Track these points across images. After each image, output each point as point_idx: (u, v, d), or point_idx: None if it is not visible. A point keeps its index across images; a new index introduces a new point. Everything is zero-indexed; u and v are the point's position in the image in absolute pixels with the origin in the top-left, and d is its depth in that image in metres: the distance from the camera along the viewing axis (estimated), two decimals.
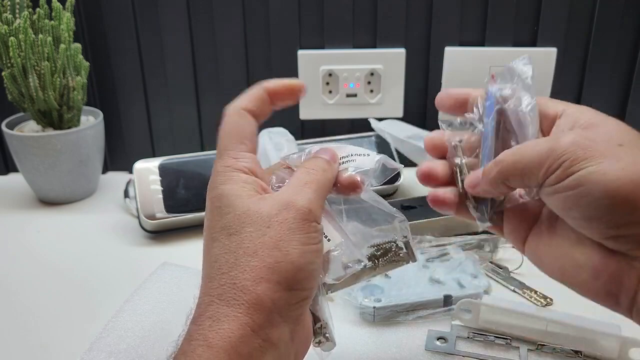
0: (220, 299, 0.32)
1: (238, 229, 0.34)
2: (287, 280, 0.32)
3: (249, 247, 0.33)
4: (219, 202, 0.35)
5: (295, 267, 0.32)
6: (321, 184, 0.37)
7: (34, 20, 0.72)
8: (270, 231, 0.33)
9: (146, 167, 0.70)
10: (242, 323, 0.31)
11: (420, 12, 0.80)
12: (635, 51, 0.81)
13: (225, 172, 0.37)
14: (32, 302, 0.58)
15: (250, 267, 0.32)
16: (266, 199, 0.35)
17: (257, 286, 0.32)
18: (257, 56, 0.82)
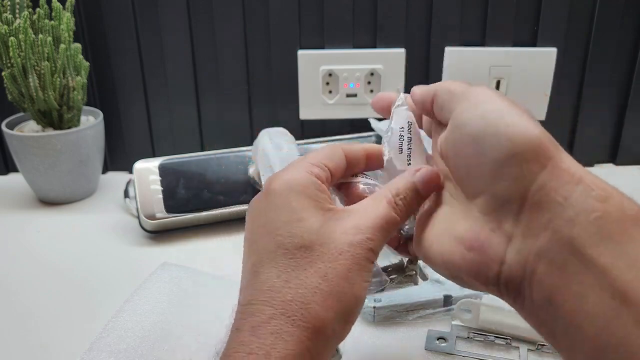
0: (285, 316, 0.31)
1: (310, 244, 0.33)
2: (348, 312, 0.32)
3: (320, 268, 0.32)
4: (288, 200, 0.34)
5: (357, 301, 0.33)
6: (396, 226, 0.36)
7: (34, 20, 0.72)
8: (342, 259, 0.33)
9: (146, 167, 0.70)
10: (305, 346, 0.31)
11: (420, 12, 0.80)
12: (635, 51, 0.81)
13: (298, 168, 0.36)
14: (32, 302, 0.58)
15: (319, 290, 0.32)
16: (340, 221, 0.34)
17: (326, 313, 0.31)
18: (257, 56, 0.82)
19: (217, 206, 0.69)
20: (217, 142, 0.86)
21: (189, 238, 0.69)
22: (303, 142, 0.76)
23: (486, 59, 0.81)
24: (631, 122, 0.84)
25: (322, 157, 0.37)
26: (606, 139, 0.86)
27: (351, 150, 0.39)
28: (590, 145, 0.86)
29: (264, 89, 0.84)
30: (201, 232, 0.70)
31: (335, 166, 0.37)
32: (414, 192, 0.36)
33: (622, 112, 0.84)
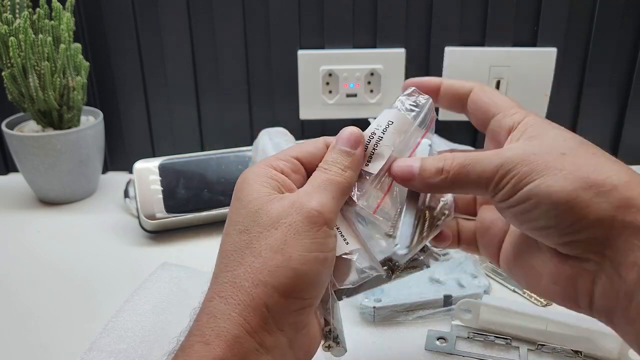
0: (219, 296, 0.32)
1: (248, 227, 0.33)
2: (285, 286, 0.31)
3: (255, 247, 0.32)
4: (240, 192, 0.35)
5: (295, 274, 0.32)
6: (337, 184, 0.35)
7: (34, 20, 0.72)
8: (277, 233, 0.32)
9: (146, 167, 0.70)
10: (237, 323, 0.31)
11: (420, 12, 0.80)
12: (635, 51, 0.81)
13: (261, 163, 0.37)
14: (32, 302, 0.58)
15: (252, 267, 0.32)
16: (281, 199, 0.34)
17: (255, 289, 0.31)
18: (257, 56, 0.82)
19: (217, 206, 0.69)
20: (217, 142, 0.86)
21: (189, 238, 0.69)
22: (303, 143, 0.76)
23: (486, 59, 0.81)
24: (631, 122, 0.84)
25: (291, 150, 0.38)
26: (606, 139, 0.86)
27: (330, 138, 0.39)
28: None
29: (264, 89, 0.84)
30: (201, 232, 0.70)
31: (309, 155, 0.38)
32: (340, 152, 0.37)
33: (622, 112, 0.84)
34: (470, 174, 0.34)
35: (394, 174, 0.36)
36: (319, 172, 0.36)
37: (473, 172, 0.34)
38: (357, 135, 0.37)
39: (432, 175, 0.35)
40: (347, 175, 0.36)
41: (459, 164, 0.34)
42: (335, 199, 0.35)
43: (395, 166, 0.37)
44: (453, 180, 0.34)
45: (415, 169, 0.36)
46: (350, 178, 0.36)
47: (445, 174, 0.34)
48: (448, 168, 0.35)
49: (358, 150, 0.37)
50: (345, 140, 0.37)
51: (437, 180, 0.35)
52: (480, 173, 0.33)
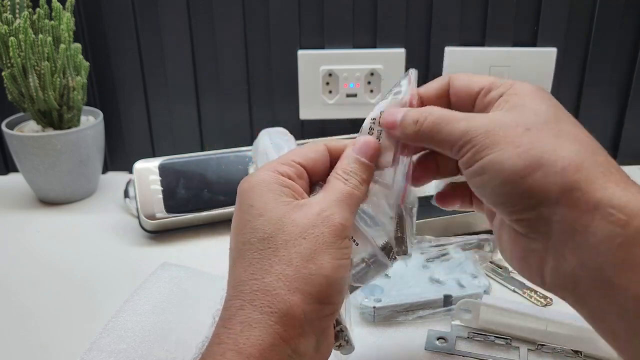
0: (252, 305, 0.32)
1: (272, 234, 0.33)
2: (319, 293, 0.32)
3: (284, 255, 0.33)
4: (251, 199, 0.35)
5: (327, 281, 0.32)
6: (356, 198, 0.36)
7: (34, 20, 0.72)
8: (306, 242, 0.33)
9: (146, 167, 0.70)
10: (274, 331, 0.31)
11: (420, 12, 0.80)
12: (635, 51, 0.81)
13: (266, 169, 0.37)
14: (32, 302, 0.58)
15: (284, 275, 0.32)
16: (302, 207, 0.34)
17: (292, 296, 0.32)
18: (257, 56, 0.82)
19: (217, 206, 0.69)
20: (217, 142, 0.86)
21: (189, 238, 0.69)
22: (303, 142, 0.76)
23: (486, 59, 0.81)
24: (631, 122, 0.84)
25: (293, 155, 0.38)
26: (606, 139, 0.86)
27: (335, 145, 0.39)
28: None
29: (264, 89, 0.84)
30: (201, 232, 0.70)
31: (311, 161, 0.38)
32: (359, 163, 0.37)
33: (622, 112, 0.84)
34: (439, 133, 0.35)
35: (384, 122, 0.38)
36: (340, 183, 0.37)
37: (442, 132, 0.34)
38: (375, 147, 0.38)
39: (408, 125, 0.36)
40: (363, 189, 0.37)
41: (433, 120, 0.35)
42: (353, 213, 0.36)
43: (385, 114, 0.38)
44: (424, 134, 0.35)
45: (398, 118, 0.37)
46: (365, 191, 0.37)
47: (419, 126, 0.35)
48: (422, 121, 0.35)
49: (372, 164, 0.38)
50: (364, 151, 0.38)
51: (410, 131, 0.36)
52: (447, 134, 0.34)
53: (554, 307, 0.55)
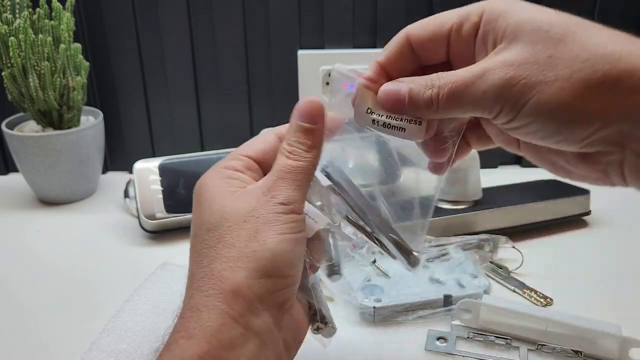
0: (199, 291, 0.32)
1: (216, 224, 0.34)
2: (265, 267, 0.32)
3: (227, 240, 0.33)
4: (200, 196, 0.36)
5: (273, 254, 0.32)
6: (302, 169, 0.35)
7: (34, 20, 0.72)
8: (248, 225, 0.33)
9: (146, 167, 0.70)
10: (221, 311, 0.31)
11: (420, 12, 0.80)
12: None
13: (214, 167, 0.37)
14: (32, 302, 0.58)
15: (227, 258, 0.32)
16: (245, 193, 0.35)
17: (235, 274, 0.32)
18: (257, 56, 0.82)
19: None
20: (217, 142, 0.86)
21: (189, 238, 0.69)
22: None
23: None
24: None
25: (240, 149, 0.38)
26: None
27: (283, 130, 0.38)
28: None
29: (264, 89, 0.84)
30: None
31: (260, 152, 0.38)
32: (301, 129, 0.36)
33: None
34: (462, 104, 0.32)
35: (382, 102, 0.35)
36: (281, 157, 0.36)
37: (465, 101, 0.32)
38: (317, 106, 0.36)
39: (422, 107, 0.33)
40: (310, 157, 0.35)
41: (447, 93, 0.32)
42: (301, 187, 0.35)
43: (382, 92, 0.35)
44: (445, 111, 0.33)
45: (404, 96, 0.34)
46: (314, 158, 0.36)
47: (436, 106, 0.33)
48: (436, 99, 0.32)
49: (319, 125, 0.36)
50: (304, 114, 0.36)
51: (429, 112, 0.33)
52: (473, 102, 0.31)
53: (554, 307, 0.55)
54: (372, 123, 0.35)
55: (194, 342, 0.31)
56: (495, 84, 0.30)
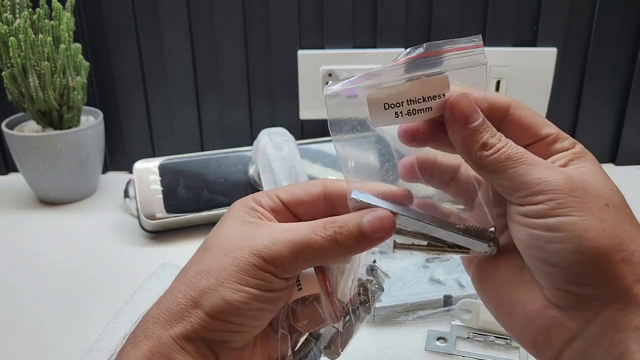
0: (156, 303, 0.34)
1: (209, 246, 0.35)
2: (210, 308, 0.32)
3: (201, 264, 0.34)
4: (223, 219, 0.36)
5: (222, 300, 0.32)
6: (315, 250, 0.33)
7: (34, 20, 0.72)
8: (224, 259, 0.33)
9: (146, 167, 0.70)
10: (162, 327, 0.33)
11: (420, 12, 0.80)
12: (635, 51, 0.81)
13: (247, 197, 0.37)
14: (32, 303, 0.58)
15: (188, 281, 0.33)
16: (252, 229, 0.34)
17: (184, 301, 0.33)
18: (257, 56, 0.82)
19: (217, 206, 0.69)
20: (217, 142, 0.86)
21: (189, 238, 0.69)
22: (303, 142, 0.76)
23: None
24: (631, 122, 0.84)
25: (282, 189, 0.37)
26: (606, 139, 0.87)
27: (334, 187, 0.36)
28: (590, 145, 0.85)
29: (264, 89, 0.84)
30: (201, 232, 0.70)
31: (296, 200, 0.36)
32: (358, 231, 0.33)
33: (622, 112, 0.84)
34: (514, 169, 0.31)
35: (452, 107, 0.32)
36: (311, 225, 0.33)
37: (518, 170, 0.31)
38: (389, 223, 0.33)
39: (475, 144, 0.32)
40: (335, 250, 0.33)
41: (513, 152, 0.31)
42: (300, 261, 0.33)
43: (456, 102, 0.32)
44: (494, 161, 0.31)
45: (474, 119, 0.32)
46: (336, 253, 0.33)
47: (493, 151, 0.31)
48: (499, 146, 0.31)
49: (372, 238, 0.33)
50: (372, 219, 0.33)
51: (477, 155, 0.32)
52: (524, 174, 0.31)
53: None
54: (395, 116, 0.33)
55: (137, 348, 0.32)
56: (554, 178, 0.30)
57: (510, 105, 0.34)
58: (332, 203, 0.36)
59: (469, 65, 0.32)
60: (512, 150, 0.31)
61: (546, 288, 0.31)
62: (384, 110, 0.33)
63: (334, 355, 0.39)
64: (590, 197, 0.30)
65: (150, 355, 0.32)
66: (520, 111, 0.34)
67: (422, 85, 0.32)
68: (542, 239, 0.30)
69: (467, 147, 0.32)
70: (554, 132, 0.33)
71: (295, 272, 0.34)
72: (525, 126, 0.33)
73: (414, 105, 0.32)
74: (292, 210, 0.36)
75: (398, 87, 0.32)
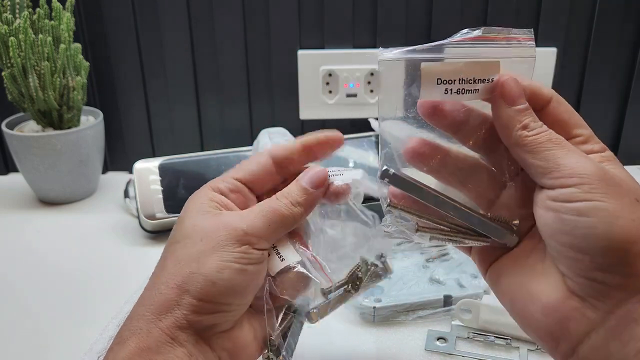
0: (139, 301, 0.35)
1: (180, 239, 0.36)
2: (196, 291, 0.33)
3: (177, 255, 0.35)
4: (182, 212, 0.37)
5: (207, 281, 0.33)
6: (280, 216, 0.36)
7: (34, 20, 0.72)
8: (201, 244, 0.34)
9: (146, 167, 0.70)
10: (149, 320, 0.33)
11: (420, 12, 0.80)
12: (635, 51, 0.81)
13: (201, 188, 0.38)
14: (32, 303, 0.58)
15: (169, 273, 0.34)
16: (215, 216, 0.36)
17: (169, 291, 0.34)
18: (257, 56, 0.82)
19: None
20: (217, 142, 0.86)
21: None
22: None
23: None
24: (631, 122, 0.84)
25: (233, 171, 0.39)
26: (606, 139, 0.86)
27: (281, 154, 0.39)
28: None
29: (264, 89, 0.84)
30: None
31: (251, 175, 0.39)
32: (299, 186, 0.37)
33: (622, 112, 0.84)
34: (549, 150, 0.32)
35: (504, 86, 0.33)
36: (269, 200, 0.37)
37: (552, 152, 0.31)
38: (322, 176, 0.38)
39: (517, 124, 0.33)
40: (295, 211, 0.37)
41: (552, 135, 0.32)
42: (272, 228, 0.36)
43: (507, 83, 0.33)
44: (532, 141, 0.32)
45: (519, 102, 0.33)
46: (298, 214, 0.37)
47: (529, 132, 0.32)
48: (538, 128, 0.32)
49: (317, 191, 0.38)
50: (308, 178, 0.38)
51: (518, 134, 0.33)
52: (559, 157, 0.31)
53: None
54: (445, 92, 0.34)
55: (124, 346, 0.33)
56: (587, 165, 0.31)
57: (552, 99, 0.34)
58: (280, 165, 0.39)
59: (520, 56, 0.34)
60: (552, 135, 0.32)
61: (569, 277, 0.31)
62: (436, 85, 0.34)
63: (312, 320, 0.40)
64: (622, 189, 0.30)
65: (139, 352, 0.32)
66: (559, 106, 0.35)
67: (476, 67, 0.33)
68: (571, 224, 0.30)
69: (509, 126, 0.33)
70: (586, 134, 0.34)
71: (269, 242, 0.36)
72: (560, 121, 0.34)
73: (464, 85, 0.33)
74: (249, 186, 0.39)
75: (454, 65, 0.33)
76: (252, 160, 0.39)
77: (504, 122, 0.33)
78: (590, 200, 0.29)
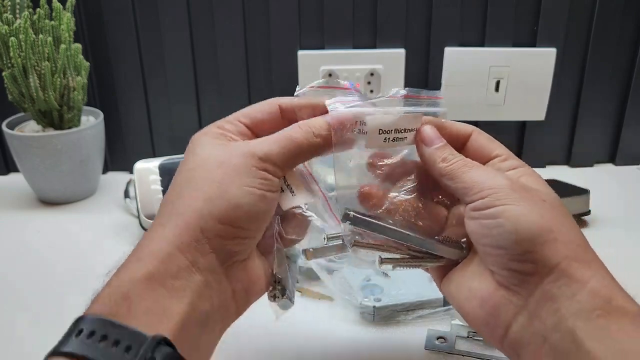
0: (158, 224, 0.35)
1: (195, 166, 0.36)
2: (220, 214, 0.34)
3: (197, 181, 0.35)
4: (191, 145, 0.38)
5: (231, 204, 0.34)
6: (297, 143, 0.37)
7: (34, 20, 0.72)
8: (220, 171, 0.35)
9: (146, 167, 0.70)
10: (170, 242, 0.33)
11: (420, 12, 0.80)
12: (635, 51, 0.81)
13: (208, 126, 0.39)
14: (32, 302, 0.58)
15: (190, 198, 0.35)
16: (229, 145, 0.37)
17: (191, 214, 0.34)
18: (257, 56, 0.82)
19: None
20: None
21: None
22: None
23: (486, 59, 0.81)
24: (630, 122, 0.84)
25: (239, 114, 0.40)
26: (605, 139, 0.87)
27: (288, 103, 0.40)
28: (589, 145, 0.86)
29: (264, 89, 0.84)
30: None
31: (257, 121, 0.39)
32: (324, 122, 0.38)
33: (622, 112, 0.84)
34: (463, 174, 0.38)
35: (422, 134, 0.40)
36: (288, 128, 0.38)
37: (466, 174, 0.37)
38: (348, 118, 0.39)
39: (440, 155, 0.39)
40: (314, 141, 0.37)
41: (463, 162, 0.38)
42: (287, 155, 0.37)
43: (426, 129, 0.40)
44: (450, 169, 0.38)
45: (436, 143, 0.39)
46: (316, 145, 0.37)
47: (447, 162, 0.38)
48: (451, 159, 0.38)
49: (340, 132, 0.38)
50: (336, 118, 0.38)
51: (439, 161, 0.39)
52: (471, 178, 0.37)
53: None
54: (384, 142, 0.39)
55: (142, 265, 0.33)
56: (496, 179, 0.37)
57: (473, 132, 0.41)
58: (288, 117, 0.40)
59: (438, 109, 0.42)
60: (467, 160, 0.39)
61: (495, 271, 0.36)
62: (378, 135, 0.39)
63: (307, 258, 0.41)
64: (527, 193, 0.36)
65: (157, 275, 0.32)
66: (480, 136, 0.41)
67: (406, 119, 0.39)
68: (488, 226, 0.35)
69: (431, 162, 0.39)
70: (505, 153, 0.40)
71: (286, 169, 0.37)
72: (482, 147, 0.41)
73: (397, 134, 0.39)
74: (254, 131, 0.39)
75: (390, 117, 0.39)
76: (259, 108, 0.40)
77: (427, 160, 0.39)
78: (501, 205, 0.35)
